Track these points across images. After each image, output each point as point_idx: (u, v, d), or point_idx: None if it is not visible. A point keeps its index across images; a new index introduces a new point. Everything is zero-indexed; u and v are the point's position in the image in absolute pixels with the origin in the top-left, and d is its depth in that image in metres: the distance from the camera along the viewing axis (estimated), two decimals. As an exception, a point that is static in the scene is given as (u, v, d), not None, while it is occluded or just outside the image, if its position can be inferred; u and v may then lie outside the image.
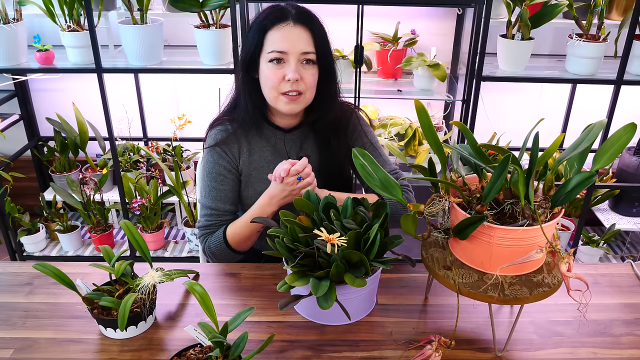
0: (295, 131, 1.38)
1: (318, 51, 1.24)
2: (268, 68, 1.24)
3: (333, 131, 1.37)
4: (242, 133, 1.36)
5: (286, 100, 1.25)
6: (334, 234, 1.01)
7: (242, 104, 1.33)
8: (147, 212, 2.47)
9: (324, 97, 1.31)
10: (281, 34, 1.21)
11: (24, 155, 2.63)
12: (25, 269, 1.32)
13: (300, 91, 1.25)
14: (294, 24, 1.21)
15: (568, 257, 0.95)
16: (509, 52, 2.08)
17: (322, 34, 1.25)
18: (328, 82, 1.30)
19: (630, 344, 1.10)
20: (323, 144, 1.38)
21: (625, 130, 0.95)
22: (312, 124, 1.36)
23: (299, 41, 1.21)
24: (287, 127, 1.38)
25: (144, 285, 1.07)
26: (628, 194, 2.47)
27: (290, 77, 1.21)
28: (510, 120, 2.54)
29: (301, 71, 1.23)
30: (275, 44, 1.21)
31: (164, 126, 2.61)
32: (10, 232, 2.43)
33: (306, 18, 1.23)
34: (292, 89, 1.23)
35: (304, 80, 1.24)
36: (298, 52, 1.22)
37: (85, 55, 2.11)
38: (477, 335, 1.12)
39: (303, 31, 1.22)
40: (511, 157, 0.92)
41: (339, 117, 1.38)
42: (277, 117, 1.36)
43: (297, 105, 1.27)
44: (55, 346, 1.08)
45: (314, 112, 1.33)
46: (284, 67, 1.23)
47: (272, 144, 1.38)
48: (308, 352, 1.07)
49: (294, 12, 1.23)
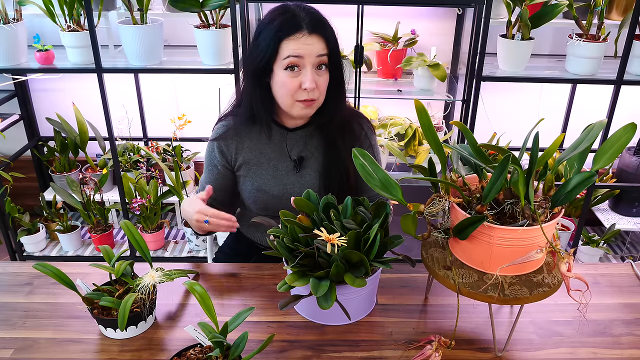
0: (299, 131, 1.39)
1: (330, 55, 1.25)
2: (284, 75, 1.23)
3: (339, 133, 1.37)
4: (245, 129, 1.37)
5: (302, 106, 1.27)
6: (334, 234, 1.01)
7: (246, 103, 1.34)
8: (147, 212, 2.47)
9: (333, 100, 1.32)
10: (297, 43, 1.21)
11: (24, 155, 2.63)
12: (25, 269, 1.32)
13: (315, 98, 1.26)
14: (309, 33, 1.21)
15: (568, 257, 0.95)
16: (509, 52, 2.08)
17: (334, 38, 1.26)
18: (338, 85, 1.31)
19: (630, 344, 1.10)
20: (328, 146, 1.38)
21: (625, 130, 0.95)
22: (320, 125, 1.37)
23: (314, 49, 1.22)
24: (292, 126, 1.38)
25: (144, 285, 1.07)
26: (628, 194, 2.47)
27: (307, 87, 1.22)
28: (510, 120, 2.54)
29: (316, 78, 1.24)
30: (291, 50, 1.21)
31: (164, 126, 2.61)
32: (10, 232, 2.43)
33: (320, 26, 1.23)
34: (308, 98, 1.24)
35: (318, 87, 1.25)
36: (314, 56, 1.22)
37: (85, 55, 2.11)
38: (477, 335, 1.12)
39: (318, 39, 1.22)
40: (511, 157, 0.92)
41: (347, 120, 1.39)
42: (284, 118, 1.37)
43: (311, 110, 1.29)
44: (55, 346, 1.08)
45: (322, 114, 1.34)
46: (300, 74, 1.23)
47: (274, 141, 1.38)
48: (308, 352, 1.07)
49: (308, 20, 1.22)
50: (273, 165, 1.38)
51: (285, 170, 1.39)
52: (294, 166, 1.39)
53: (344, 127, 1.38)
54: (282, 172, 1.39)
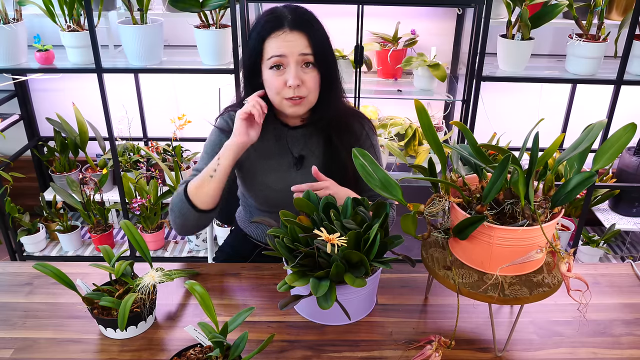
0: (300, 129, 1.39)
1: (316, 53, 1.24)
2: (270, 75, 1.25)
3: (338, 132, 1.37)
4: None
5: (290, 104, 1.27)
6: (334, 234, 1.01)
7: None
8: (147, 212, 2.47)
9: (326, 98, 1.32)
10: (278, 40, 1.22)
11: (24, 155, 2.63)
12: (25, 269, 1.32)
13: (302, 96, 1.25)
14: (290, 30, 1.22)
15: (568, 257, 0.95)
16: (509, 52, 2.08)
17: (320, 36, 1.26)
18: (330, 83, 1.31)
19: (630, 344, 1.10)
20: (327, 145, 1.39)
21: (625, 130, 0.95)
22: (318, 124, 1.37)
23: (295, 46, 1.22)
24: (292, 124, 1.39)
25: (144, 285, 1.07)
26: (628, 194, 2.47)
27: (291, 84, 1.23)
28: (510, 120, 2.54)
29: (302, 75, 1.24)
30: (274, 49, 1.23)
31: (164, 126, 2.61)
32: (10, 232, 2.43)
33: (302, 22, 1.24)
34: (294, 95, 1.25)
35: (305, 84, 1.25)
36: (296, 54, 1.22)
37: (85, 55, 2.11)
38: (477, 335, 1.12)
39: (299, 36, 1.23)
40: (511, 157, 0.92)
41: (345, 119, 1.38)
42: (284, 116, 1.37)
43: (300, 108, 1.28)
44: (55, 346, 1.08)
45: (316, 113, 1.34)
46: (285, 72, 1.24)
47: (276, 138, 1.39)
48: (308, 352, 1.07)
49: (290, 17, 1.23)
50: (275, 161, 1.39)
51: (287, 166, 1.39)
52: (295, 164, 1.39)
53: (342, 126, 1.38)
54: (284, 167, 1.39)
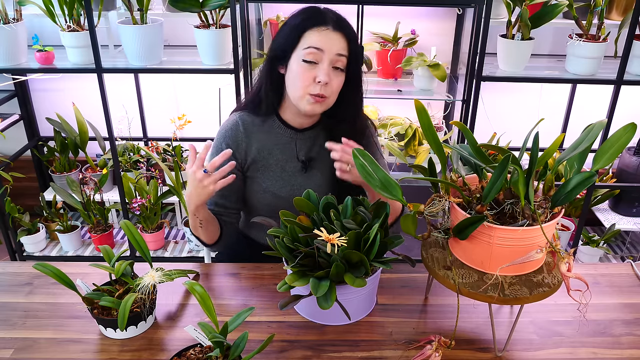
0: (308, 132, 1.39)
1: (351, 57, 1.26)
2: (300, 67, 1.24)
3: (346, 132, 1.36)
4: (253, 129, 1.37)
5: (311, 101, 1.26)
6: (334, 234, 1.01)
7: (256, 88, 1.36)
8: (147, 212, 2.47)
9: (348, 105, 1.32)
10: (320, 35, 1.23)
11: (24, 155, 2.63)
12: (25, 269, 1.32)
13: (326, 95, 1.26)
14: (333, 29, 1.24)
15: (568, 257, 0.95)
16: (509, 52, 2.08)
17: (356, 43, 1.27)
18: (354, 90, 1.32)
19: (630, 344, 1.10)
20: None
21: (625, 130, 0.95)
22: (330, 128, 1.37)
23: (334, 44, 1.23)
24: (300, 127, 1.38)
25: (144, 285, 1.07)
26: (628, 194, 2.47)
27: (321, 80, 1.23)
28: (510, 120, 2.54)
29: (331, 75, 1.24)
30: (314, 41, 1.23)
31: (164, 126, 2.61)
32: (10, 232, 2.43)
33: (344, 26, 1.26)
34: (319, 92, 1.24)
35: (331, 85, 1.25)
36: (333, 53, 1.23)
37: (85, 55, 2.11)
38: (477, 335, 1.12)
39: (340, 37, 1.24)
40: (511, 157, 0.92)
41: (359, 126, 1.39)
42: (290, 116, 1.36)
43: (319, 107, 1.28)
44: (55, 346, 1.08)
45: (334, 116, 1.34)
46: (316, 68, 1.24)
47: (282, 142, 1.38)
48: (308, 352, 1.07)
49: (335, 18, 1.26)
50: (280, 167, 1.38)
51: (292, 172, 1.38)
52: (302, 167, 1.38)
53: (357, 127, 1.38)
54: (289, 173, 1.38)
